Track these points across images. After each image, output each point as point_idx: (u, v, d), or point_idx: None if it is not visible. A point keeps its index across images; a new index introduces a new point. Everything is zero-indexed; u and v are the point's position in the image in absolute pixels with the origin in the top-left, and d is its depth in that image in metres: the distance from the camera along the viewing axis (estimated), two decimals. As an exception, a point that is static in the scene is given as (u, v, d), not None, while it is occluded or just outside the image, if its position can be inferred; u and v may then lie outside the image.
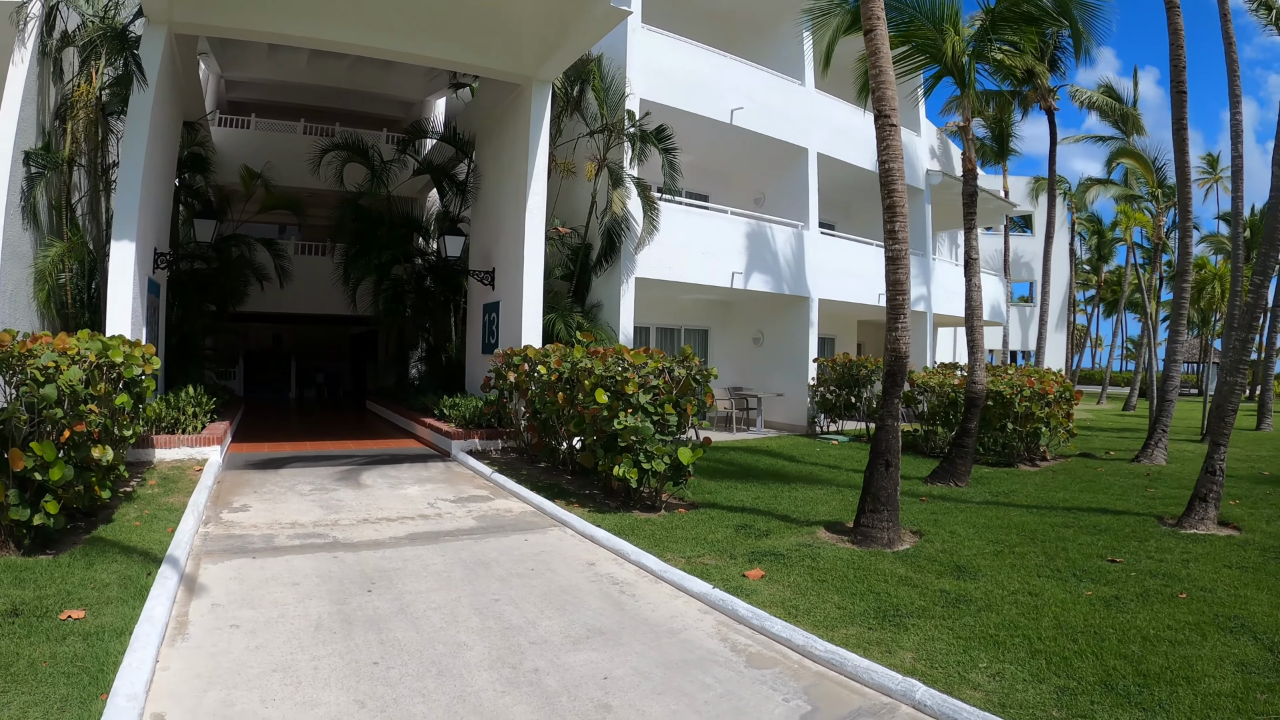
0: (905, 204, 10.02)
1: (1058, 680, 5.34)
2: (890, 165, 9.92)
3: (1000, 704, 4.96)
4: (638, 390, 10.07)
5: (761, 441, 19.47)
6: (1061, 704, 4.99)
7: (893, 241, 10.02)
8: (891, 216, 10.00)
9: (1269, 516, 11.30)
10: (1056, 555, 8.73)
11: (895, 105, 9.98)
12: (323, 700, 4.68)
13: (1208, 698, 5.10)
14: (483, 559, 8.01)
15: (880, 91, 9.96)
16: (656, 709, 4.78)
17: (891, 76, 10.06)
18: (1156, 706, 4.98)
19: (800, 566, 7.88)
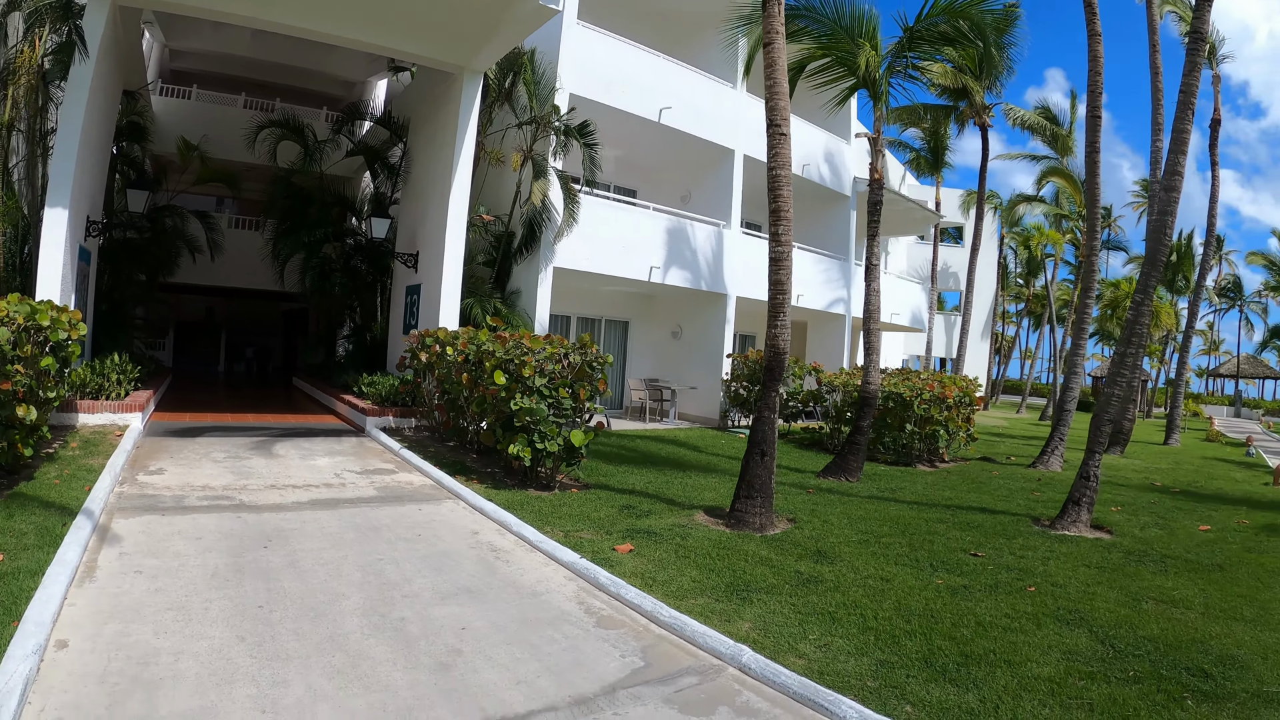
0: (790, 209, 10.71)
1: (881, 655, 5.83)
2: (778, 172, 10.59)
3: (819, 671, 5.45)
4: (534, 374, 10.67)
5: (671, 432, 20.04)
6: (878, 675, 5.47)
7: (776, 244, 10.68)
8: (776, 220, 10.68)
9: (1144, 523, 12.01)
10: (921, 547, 9.29)
11: (787, 116, 10.63)
12: (208, 635, 5.31)
13: (1025, 680, 5.55)
14: (375, 524, 8.63)
15: (774, 103, 10.59)
16: (502, 655, 5.39)
17: (785, 89, 10.68)
18: (970, 684, 5.42)
19: (669, 544, 8.51)
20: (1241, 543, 11.08)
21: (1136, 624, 6.93)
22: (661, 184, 25.73)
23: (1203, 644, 6.52)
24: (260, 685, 4.63)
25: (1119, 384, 12.37)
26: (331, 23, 15.14)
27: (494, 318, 15.82)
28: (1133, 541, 10.58)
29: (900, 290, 32.91)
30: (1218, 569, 9.32)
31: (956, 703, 5.12)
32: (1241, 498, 16.01)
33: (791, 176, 10.81)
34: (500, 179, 19.79)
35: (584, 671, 5.29)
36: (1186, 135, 11.95)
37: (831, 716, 4.93)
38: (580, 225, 19.09)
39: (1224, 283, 79.14)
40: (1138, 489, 16.02)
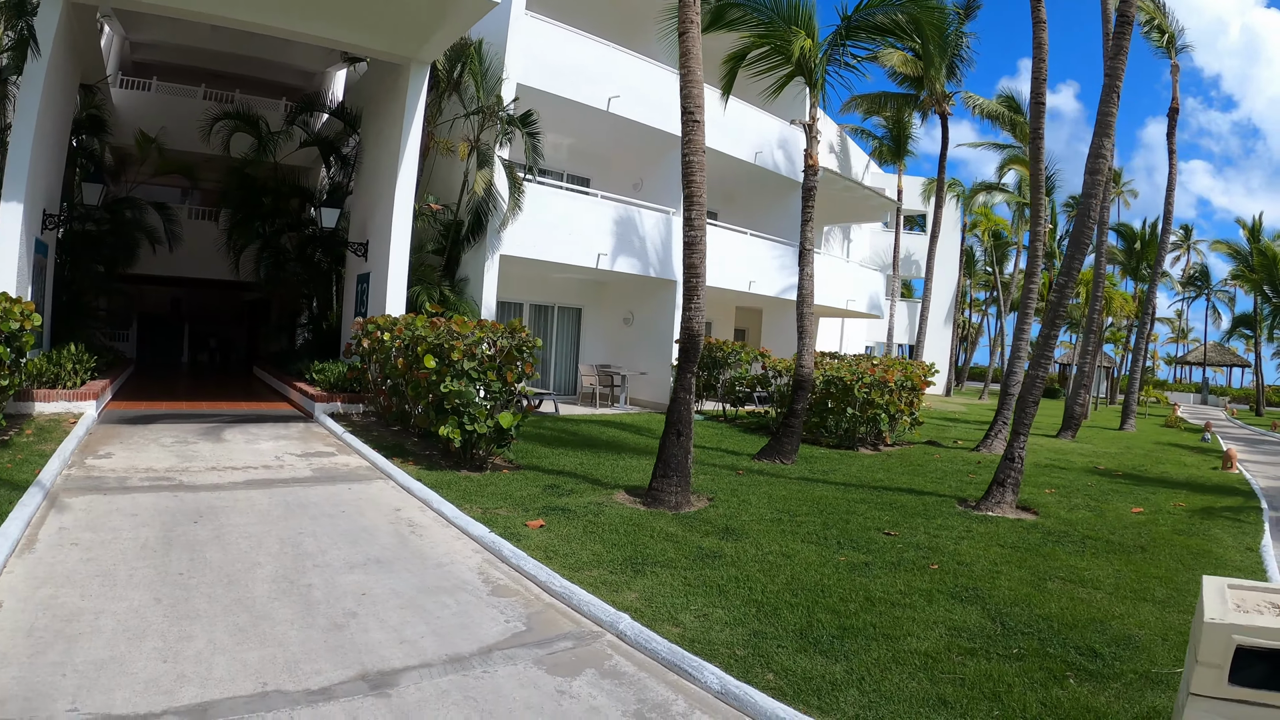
0: (703, 194, 11.08)
1: (757, 626, 6.12)
2: (691, 159, 10.96)
3: (691, 640, 5.77)
4: (462, 357, 11.20)
5: (619, 416, 20.48)
6: (748, 645, 5.74)
7: (689, 229, 11.07)
8: (690, 205, 11.06)
9: (1075, 505, 12.32)
10: (835, 526, 9.62)
11: (701, 104, 10.98)
12: (128, 597, 5.86)
13: (899, 654, 5.74)
14: (304, 502, 9.17)
15: (688, 90, 10.95)
16: (393, 618, 5.92)
17: (699, 77, 11.02)
18: (841, 655, 5.65)
19: (581, 521, 9.01)
20: (1172, 525, 11.37)
21: (1036, 603, 7.14)
22: (614, 172, 26.05)
23: (1102, 624, 6.69)
24: (167, 640, 5.19)
25: (1043, 366, 12.49)
26: (280, 17, 15.47)
27: (434, 304, 16.30)
28: (1056, 523, 10.87)
29: (859, 277, 33.25)
30: (1140, 550, 9.58)
31: (821, 672, 5.36)
32: (1185, 481, 16.52)
33: (705, 162, 11.16)
34: (450, 168, 20.11)
35: (467, 634, 5.76)
36: (1112, 120, 12.14)
37: (694, 682, 5.26)
38: (527, 213, 19.45)
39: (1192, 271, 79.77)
40: (1079, 472, 16.47)
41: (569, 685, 5.08)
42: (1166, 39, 31.19)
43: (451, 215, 19.57)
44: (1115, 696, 5.30)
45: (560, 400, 22.73)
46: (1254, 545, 10.55)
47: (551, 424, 17.47)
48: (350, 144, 22.72)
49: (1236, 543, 10.64)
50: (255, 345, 31.99)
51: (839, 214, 35.70)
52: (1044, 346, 12.70)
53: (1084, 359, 28.67)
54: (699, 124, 10.97)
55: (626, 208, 22.46)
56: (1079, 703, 5.16)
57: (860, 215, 36.88)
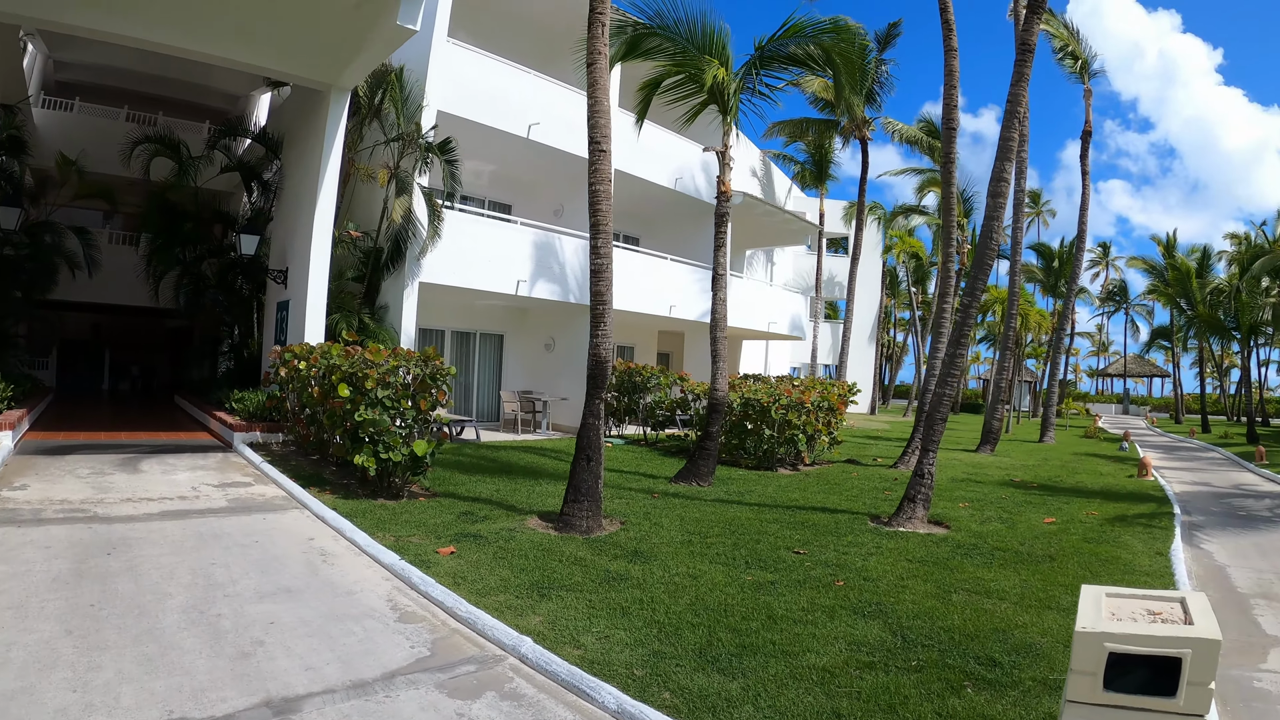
0: (609, 223, 11.31)
1: (658, 646, 6.25)
2: (597, 188, 11.16)
3: (591, 661, 5.89)
4: (376, 386, 11.38)
5: (540, 442, 20.60)
6: (647, 665, 5.87)
7: (596, 256, 11.29)
8: (596, 234, 11.27)
9: (987, 518, 12.61)
10: (744, 546, 9.80)
11: (608, 134, 11.24)
12: (39, 629, 5.99)
13: (797, 669, 5.87)
14: (218, 533, 9.29)
15: (595, 120, 11.20)
16: (300, 646, 6.08)
17: (606, 107, 11.28)
18: (738, 672, 5.77)
19: (492, 547, 9.19)
20: (1083, 534, 11.69)
21: (939, 615, 7.29)
22: (535, 198, 26.32)
23: (1005, 633, 6.86)
24: (77, 670, 5.34)
25: (949, 383, 12.83)
26: (200, 41, 15.50)
27: (351, 332, 16.43)
28: (967, 536, 11.10)
29: (780, 299, 33.94)
30: (1048, 560, 9.85)
31: (717, 690, 5.50)
32: (1100, 490, 17.09)
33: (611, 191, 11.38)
34: (371, 195, 20.24)
35: (371, 660, 5.94)
36: (1012, 144, 12.52)
37: (592, 702, 5.37)
38: (446, 240, 19.62)
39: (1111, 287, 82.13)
40: (995, 485, 16.87)
41: (468, 708, 5.26)
42: (1080, 65, 32.25)
43: (371, 242, 19.69)
44: (1012, 704, 5.46)
45: (483, 427, 22.84)
46: (1164, 550, 10.87)
47: (472, 451, 17.57)
48: (272, 169, 22.66)
49: (1147, 548, 10.97)
50: (178, 373, 31.59)
51: (761, 238, 36.29)
52: (950, 365, 13.13)
53: (1000, 375, 29.41)
54: (606, 154, 11.19)
55: (546, 234, 22.70)
56: (975, 711, 5.33)
57: (782, 239, 37.40)
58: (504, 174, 25.60)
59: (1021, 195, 29.09)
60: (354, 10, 14.99)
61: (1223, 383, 63.94)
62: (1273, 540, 12.65)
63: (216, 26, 15.26)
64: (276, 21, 15.46)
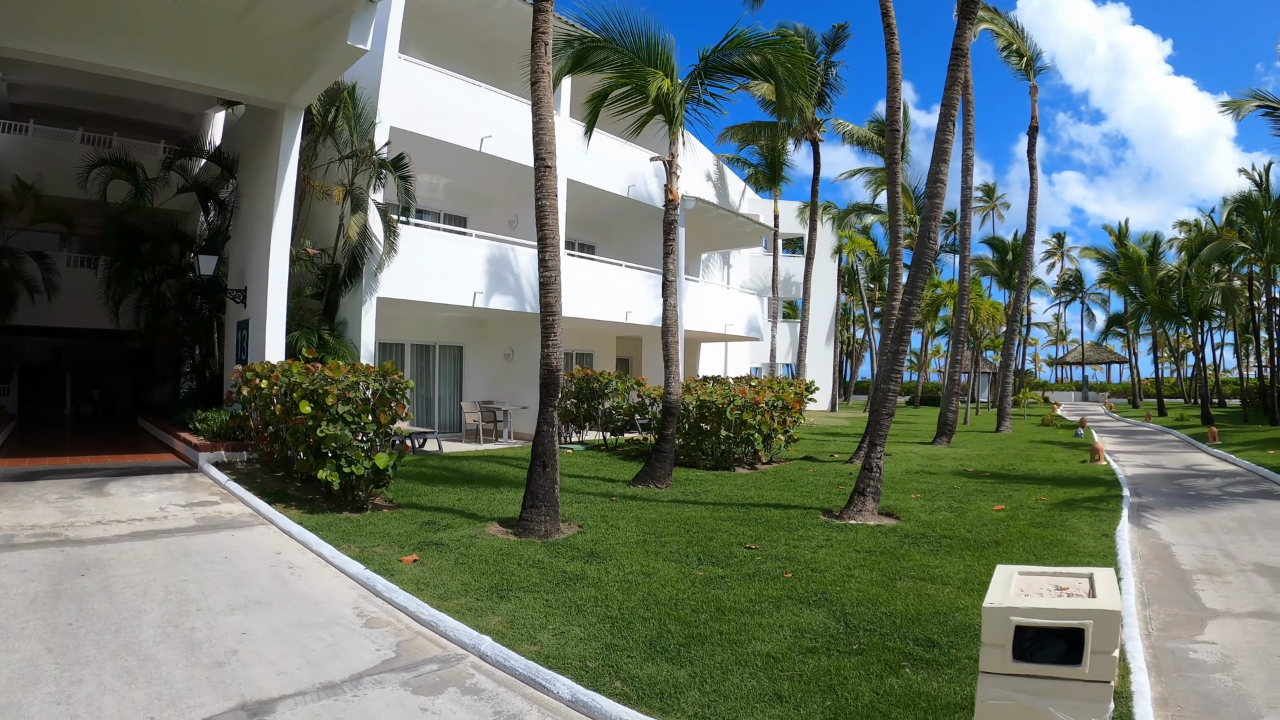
0: (556, 236, 11.74)
1: (610, 640, 6.57)
2: (544, 203, 11.58)
3: (547, 656, 6.23)
4: (336, 401, 11.66)
5: (501, 451, 20.86)
6: (599, 657, 6.19)
7: (544, 269, 11.73)
8: (544, 247, 11.70)
9: (937, 508, 12.87)
10: (697, 543, 10.10)
11: (553, 150, 11.63)
12: (20, 649, 6.29)
13: (742, 656, 6.17)
14: (188, 550, 9.58)
15: (540, 138, 11.60)
16: (272, 653, 6.39)
17: (550, 124, 11.66)
18: (686, 661, 6.09)
19: (453, 553, 9.50)
20: (1030, 519, 11.97)
21: (883, 601, 7.55)
22: (491, 210, 26.53)
23: (945, 616, 7.11)
24: (60, 685, 5.65)
25: (893, 379, 13.15)
26: (150, 64, 15.61)
27: (310, 349, 16.67)
28: (916, 525, 11.37)
29: (736, 301, 34.34)
30: (994, 545, 10.09)
31: (666, 678, 5.79)
32: (1050, 476, 17.42)
33: (557, 206, 11.83)
34: (328, 212, 20.40)
35: (340, 663, 6.25)
36: (948, 146, 12.79)
37: (547, 693, 5.71)
38: (402, 255, 19.89)
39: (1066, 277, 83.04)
40: (947, 475, 17.18)
41: (431, 703, 5.59)
42: (1025, 62, 32.78)
43: (329, 259, 19.87)
44: (948, 681, 5.73)
45: (445, 438, 23.09)
46: (1109, 531, 11.18)
47: (435, 462, 17.81)
48: (228, 188, 22.78)
49: (1093, 530, 11.27)
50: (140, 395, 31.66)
51: (716, 241, 36.64)
52: (893, 361, 13.47)
53: (954, 368, 29.87)
54: (551, 169, 11.58)
55: (502, 246, 22.95)
56: (912, 689, 5.60)
57: (737, 241, 37.76)
58: (459, 187, 25.84)
59: (969, 191, 29.58)
60: (305, 31, 15.23)
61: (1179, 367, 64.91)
62: (1218, 518, 12.98)
63: (167, 50, 15.44)
64: (228, 44, 15.62)
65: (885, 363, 13.72)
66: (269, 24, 15.33)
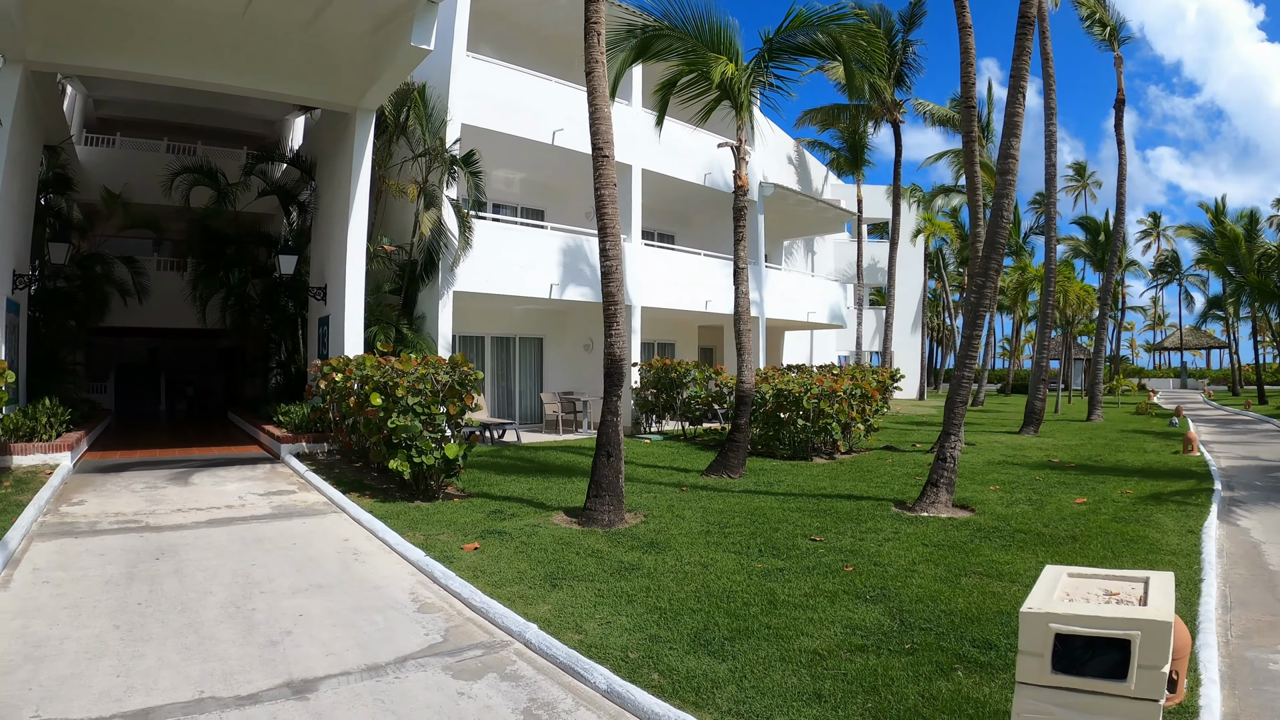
0: (616, 226, 11.70)
1: (655, 631, 6.50)
2: (602, 193, 11.58)
3: (589, 645, 6.18)
4: (406, 394, 11.93)
5: (579, 441, 20.93)
6: (641, 648, 6.11)
7: (605, 259, 11.67)
8: (604, 236, 11.67)
9: (1015, 500, 12.43)
10: (761, 535, 9.93)
11: (610, 139, 11.59)
12: (91, 625, 6.63)
13: (788, 652, 6.00)
14: (260, 537, 9.94)
15: (596, 127, 11.57)
16: (324, 634, 6.61)
17: (607, 114, 11.63)
18: (729, 655, 5.95)
19: (514, 542, 9.61)
20: (1113, 513, 11.40)
21: (944, 599, 7.24)
22: (567, 202, 26.69)
23: (1008, 617, 6.67)
24: (122, 659, 5.95)
25: (968, 366, 12.62)
26: (232, 75, 16.33)
27: (387, 344, 16.96)
28: (990, 519, 10.98)
29: (819, 288, 34.11)
30: (1071, 541, 9.65)
31: (705, 671, 5.68)
32: (1139, 468, 16.67)
33: (616, 195, 11.83)
34: (403, 210, 20.74)
35: (388, 646, 6.41)
36: (1018, 120, 12.45)
37: (584, 682, 5.72)
38: (477, 249, 20.13)
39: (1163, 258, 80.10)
40: (1031, 467, 16.63)
41: (469, 688, 5.71)
42: (1109, 32, 31.61)
43: (406, 255, 20.21)
44: (1001, 687, 5.36)
45: (526, 429, 23.27)
46: (1196, 528, 10.57)
47: (511, 453, 18.01)
48: (308, 190, 23.30)
49: (1178, 526, 10.70)
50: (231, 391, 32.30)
51: (799, 227, 36.47)
52: (967, 347, 12.95)
53: (1041, 354, 29.09)
54: (609, 159, 11.57)
55: (577, 237, 23.14)
56: (960, 694, 5.29)
57: (820, 227, 37.66)
58: (534, 180, 26.08)
59: (1054, 169, 28.66)
60: (369, 35, 15.63)
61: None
62: (1317, 514, 12.10)
63: (238, 60, 16.06)
64: (296, 52, 16.22)
65: (960, 349, 13.25)
66: (334, 30, 15.78)
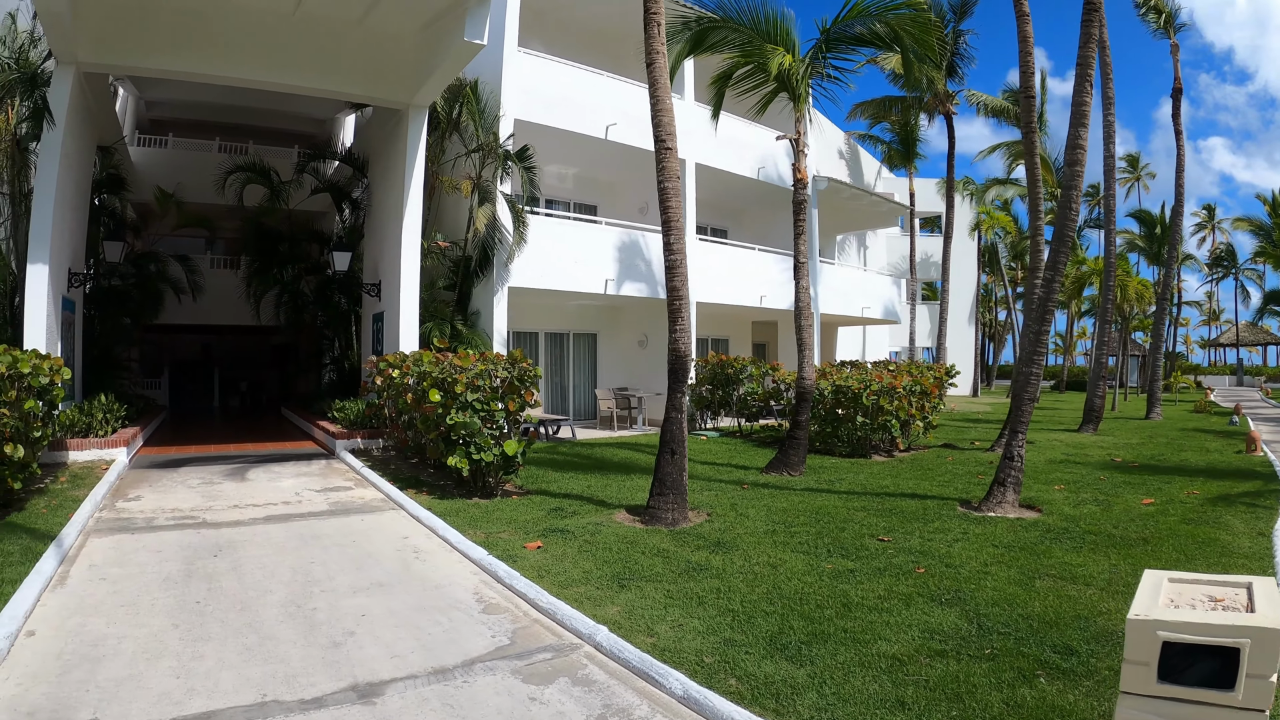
0: (681, 219, 11.38)
1: (729, 634, 6.27)
2: (665, 185, 11.27)
3: (663, 649, 5.97)
4: (465, 390, 11.70)
5: (635, 438, 20.77)
6: (717, 652, 5.90)
7: (669, 253, 11.36)
8: (668, 230, 11.33)
9: (1082, 500, 12.08)
10: (827, 534, 9.67)
11: (672, 131, 11.24)
12: (148, 623, 6.44)
13: (866, 657, 5.79)
14: (317, 534, 9.76)
15: (659, 119, 11.24)
16: (388, 636, 6.38)
17: (669, 105, 11.32)
18: (807, 660, 5.74)
19: (578, 540, 9.37)
20: (1182, 515, 11.05)
21: (1020, 602, 7.04)
22: (620, 197, 26.50)
23: (1086, 621, 6.55)
24: (181, 659, 5.75)
25: (1035, 362, 12.33)
26: (284, 73, 16.33)
27: (442, 339, 16.84)
28: (1059, 519, 10.69)
29: (872, 284, 33.70)
30: (1142, 543, 9.36)
31: (784, 677, 5.46)
32: (1203, 468, 16.07)
33: (680, 188, 11.57)
34: (457, 206, 20.59)
35: (454, 648, 6.18)
36: (1086, 109, 12.03)
37: (659, 688, 5.49)
38: (532, 244, 19.97)
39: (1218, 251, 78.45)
40: (1094, 466, 16.18)
41: (541, 693, 5.47)
42: (1163, 19, 30.82)
43: (460, 251, 20.07)
44: (1085, 694, 5.22)
45: (580, 425, 23.10)
46: (1266, 530, 10.17)
47: (567, 449, 17.83)
48: (360, 187, 23.26)
49: (1249, 528, 10.32)
50: (284, 387, 32.58)
51: (851, 222, 36.00)
52: (1034, 343, 12.67)
53: (1100, 350, 28.44)
54: (671, 151, 11.24)
55: (632, 233, 22.92)
56: (1045, 701, 5.12)
57: (873, 221, 37.15)
58: (587, 176, 25.89)
59: (1112, 160, 28.01)
60: (422, 31, 15.50)
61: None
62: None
63: (291, 58, 16.07)
64: (348, 49, 16.15)
65: (1027, 345, 12.94)
66: (386, 27, 15.69)
